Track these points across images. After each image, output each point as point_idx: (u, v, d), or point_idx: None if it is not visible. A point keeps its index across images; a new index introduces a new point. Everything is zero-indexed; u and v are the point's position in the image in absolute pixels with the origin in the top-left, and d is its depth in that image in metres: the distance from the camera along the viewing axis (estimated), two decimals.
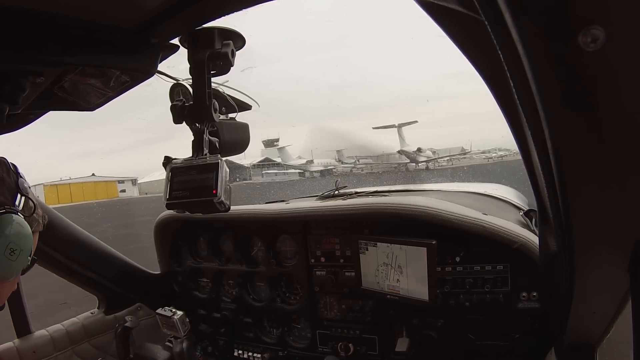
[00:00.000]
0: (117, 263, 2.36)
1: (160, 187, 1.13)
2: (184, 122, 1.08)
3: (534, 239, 1.52)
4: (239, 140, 1.17)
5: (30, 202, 1.04)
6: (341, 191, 2.31)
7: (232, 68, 1.07)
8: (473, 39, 0.68)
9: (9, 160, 1.02)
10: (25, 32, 0.83)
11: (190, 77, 1.07)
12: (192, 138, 1.08)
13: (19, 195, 1.00)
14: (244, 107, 1.21)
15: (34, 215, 1.07)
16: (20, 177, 1.03)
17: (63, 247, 2.08)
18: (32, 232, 1.06)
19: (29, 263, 1.04)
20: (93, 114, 1.25)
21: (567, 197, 0.70)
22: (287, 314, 2.17)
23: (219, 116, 1.10)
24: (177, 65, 1.12)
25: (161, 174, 1.11)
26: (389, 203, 1.78)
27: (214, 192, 0.99)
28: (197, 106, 1.06)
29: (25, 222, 1.00)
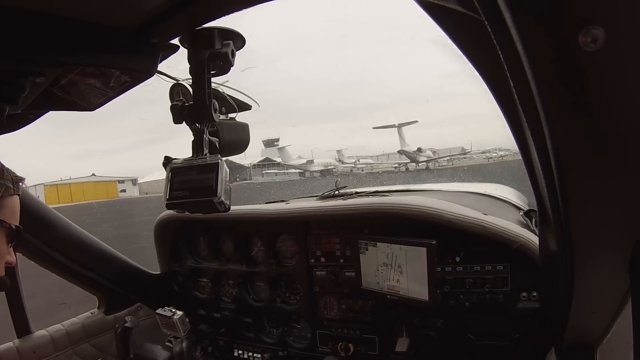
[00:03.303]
0: (117, 263, 2.37)
1: (161, 187, 1.13)
2: (184, 122, 1.08)
3: (534, 239, 1.52)
4: (239, 140, 1.17)
5: None
6: (341, 191, 2.31)
7: (232, 68, 1.07)
8: (473, 39, 0.68)
9: None
10: (25, 32, 0.83)
11: (190, 77, 1.07)
12: (192, 138, 1.08)
13: None
14: (244, 107, 1.21)
15: None
16: None
17: (63, 247, 2.08)
18: (1, 196, 1.05)
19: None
20: (93, 114, 1.26)
21: (567, 197, 0.70)
22: (287, 314, 2.17)
23: (219, 116, 1.10)
24: (177, 65, 1.12)
25: (161, 174, 1.11)
26: (389, 203, 1.78)
27: (214, 192, 0.99)
28: (197, 106, 1.06)
29: None
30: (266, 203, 2.53)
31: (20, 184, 1.15)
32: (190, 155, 1.07)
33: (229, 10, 0.93)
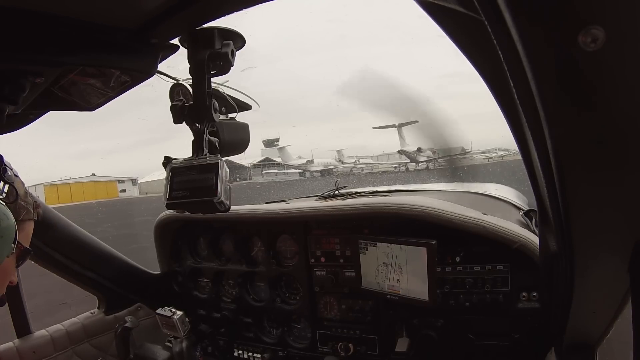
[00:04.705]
0: (117, 263, 2.37)
1: (161, 187, 1.12)
2: (184, 122, 1.08)
3: (534, 239, 1.52)
4: (239, 140, 1.17)
5: (14, 190, 1.04)
6: (341, 191, 2.31)
7: (232, 68, 1.07)
8: (473, 39, 0.68)
9: None
10: (25, 32, 0.83)
11: (190, 77, 1.07)
12: (192, 138, 1.08)
13: (2, 183, 1.01)
14: (244, 107, 1.21)
15: (20, 202, 1.07)
16: (5, 166, 1.03)
17: (63, 247, 2.08)
18: (21, 220, 1.06)
19: (13, 251, 1.04)
20: (93, 114, 1.26)
21: (567, 197, 0.70)
22: (287, 314, 2.17)
23: (219, 116, 1.10)
24: (177, 65, 1.12)
25: (161, 174, 1.11)
26: (389, 203, 1.78)
27: (214, 192, 0.99)
28: (197, 106, 1.06)
29: (7, 208, 1.00)
30: (266, 203, 2.53)
31: (39, 210, 1.17)
32: (190, 155, 1.07)
33: (229, 10, 0.93)
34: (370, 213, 1.80)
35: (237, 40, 1.08)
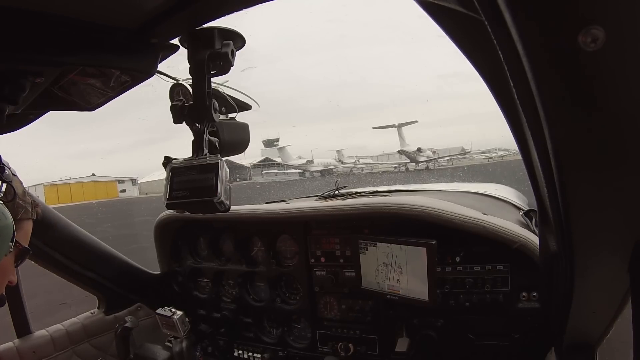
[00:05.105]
0: (117, 263, 2.37)
1: (161, 187, 1.13)
2: (184, 122, 1.09)
3: (534, 239, 1.52)
4: (239, 140, 1.17)
5: (12, 189, 1.04)
6: (341, 191, 2.31)
7: (232, 68, 1.07)
8: (473, 39, 0.68)
9: None
10: (25, 32, 0.83)
11: (190, 77, 1.07)
12: (192, 138, 1.08)
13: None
14: (244, 107, 1.21)
15: (19, 201, 1.07)
16: (3, 164, 1.03)
17: (63, 247, 2.08)
18: (19, 219, 1.06)
19: (11, 250, 1.04)
20: (93, 114, 1.26)
21: (567, 197, 0.70)
22: (287, 314, 2.17)
23: (219, 116, 1.10)
24: (177, 65, 1.12)
25: (161, 174, 1.11)
26: (389, 203, 1.78)
27: (214, 192, 0.99)
28: (197, 106, 1.06)
29: (5, 207, 1.00)
30: (266, 203, 2.53)
31: (37, 209, 1.16)
32: (190, 155, 1.07)
33: (229, 10, 0.93)
34: (370, 213, 1.80)
35: (237, 40, 1.08)
